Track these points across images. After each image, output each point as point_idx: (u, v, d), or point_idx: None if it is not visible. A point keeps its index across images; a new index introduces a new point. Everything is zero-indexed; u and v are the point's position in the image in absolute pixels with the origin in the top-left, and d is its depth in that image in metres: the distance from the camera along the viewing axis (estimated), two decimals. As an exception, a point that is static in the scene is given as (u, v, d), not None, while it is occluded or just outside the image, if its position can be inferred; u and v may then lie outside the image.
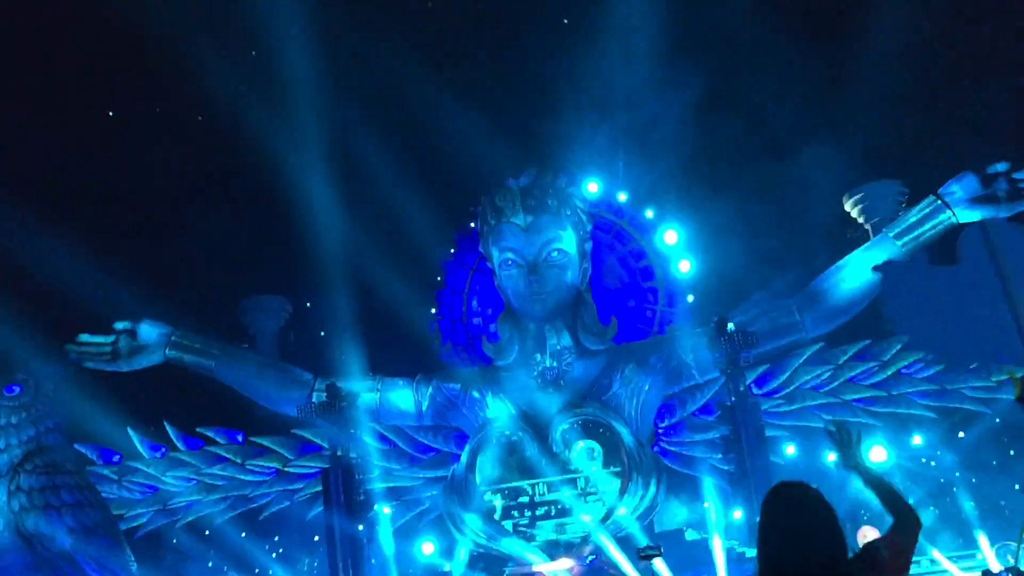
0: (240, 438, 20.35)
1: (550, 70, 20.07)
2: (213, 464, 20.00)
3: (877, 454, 17.71)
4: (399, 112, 20.40)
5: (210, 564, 19.94)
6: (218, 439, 20.30)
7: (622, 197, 20.47)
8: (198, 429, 20.34)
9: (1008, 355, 18.27)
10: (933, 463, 18.66)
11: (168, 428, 20.21)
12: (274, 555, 20.13)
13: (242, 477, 19.99)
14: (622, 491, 18.03)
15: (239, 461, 19.95)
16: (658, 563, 16.98)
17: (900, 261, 18.17)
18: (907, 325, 19.33)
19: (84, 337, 19.20)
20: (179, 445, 20.20)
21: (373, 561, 18.90)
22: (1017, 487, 17.84)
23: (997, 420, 18.28)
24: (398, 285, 19.35)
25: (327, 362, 19.52)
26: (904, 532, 3.93)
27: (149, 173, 22.28)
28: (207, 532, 20.11)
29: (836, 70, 19.02)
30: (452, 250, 20.90)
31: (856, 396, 18.63)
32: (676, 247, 20.00)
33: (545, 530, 18.56)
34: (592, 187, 19.95)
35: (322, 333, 19.31)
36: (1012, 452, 17.26)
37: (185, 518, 20.11)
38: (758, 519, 3.87)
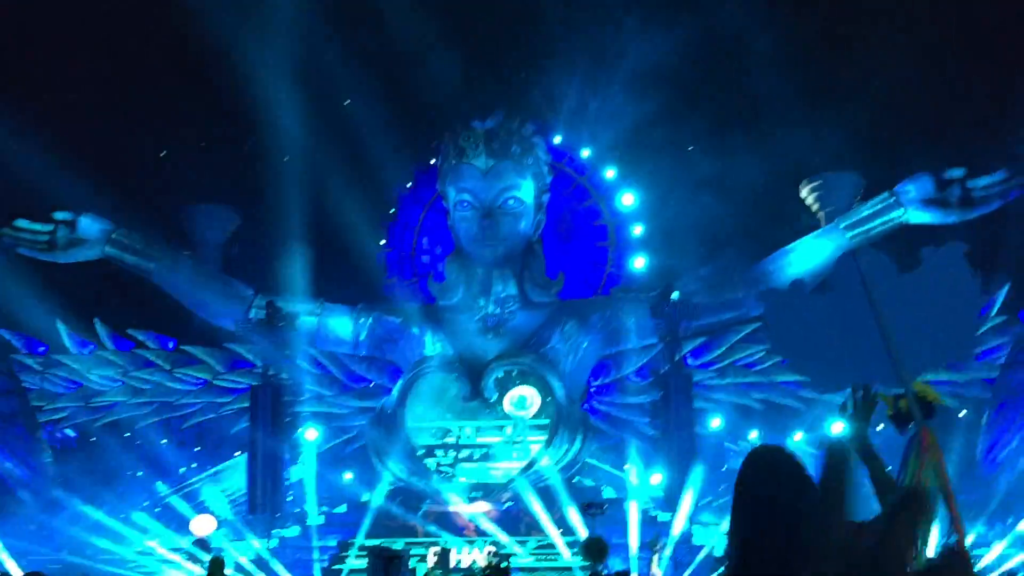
0: (171, 345, 20.06)
1: (535, 14, 19.69)
2: (141, 367, 19.71)
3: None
4: (378, 34, 19.89)
5: (139, 473, 19.76)
6: (148, 343, 19.99)
7: (585, 153, 20.39)
8: (129, 330, 20.00)
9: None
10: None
11: (98, 325, 19.83)
12: (192, 465, 20.01)
13: (169, 384, 19.75)
14: (548, 443, 18.30)
15: (168, 368, 19.68)
16: (572, 516, 17.34)
17: (846, 254, 18.42)
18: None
19: (21, 223, 18.64)
20: (107, 344, 19.84)
21: (291, 481, 18.98)
22: None
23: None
24: (350, 211, 19.08)
25: (269, 279, 19.24)
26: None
27: (112, 60, 21.47)
28: (127, 434, 19.90)
29: (834, 51, 18.80)
30: (409, 184, 20.68)
31: (787, 379, 18.97)
32: (632, 209, 20.05)
33: (467, 472, 18.79)
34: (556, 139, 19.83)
35: (267, 250, 18.95)
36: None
37: (107, 418, 19.86)
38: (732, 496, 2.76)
